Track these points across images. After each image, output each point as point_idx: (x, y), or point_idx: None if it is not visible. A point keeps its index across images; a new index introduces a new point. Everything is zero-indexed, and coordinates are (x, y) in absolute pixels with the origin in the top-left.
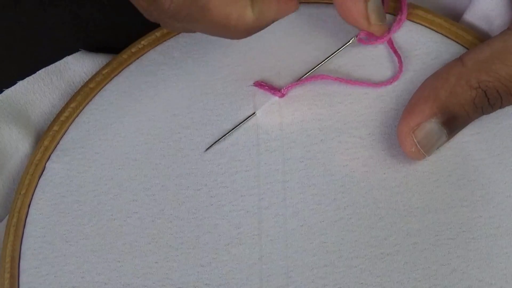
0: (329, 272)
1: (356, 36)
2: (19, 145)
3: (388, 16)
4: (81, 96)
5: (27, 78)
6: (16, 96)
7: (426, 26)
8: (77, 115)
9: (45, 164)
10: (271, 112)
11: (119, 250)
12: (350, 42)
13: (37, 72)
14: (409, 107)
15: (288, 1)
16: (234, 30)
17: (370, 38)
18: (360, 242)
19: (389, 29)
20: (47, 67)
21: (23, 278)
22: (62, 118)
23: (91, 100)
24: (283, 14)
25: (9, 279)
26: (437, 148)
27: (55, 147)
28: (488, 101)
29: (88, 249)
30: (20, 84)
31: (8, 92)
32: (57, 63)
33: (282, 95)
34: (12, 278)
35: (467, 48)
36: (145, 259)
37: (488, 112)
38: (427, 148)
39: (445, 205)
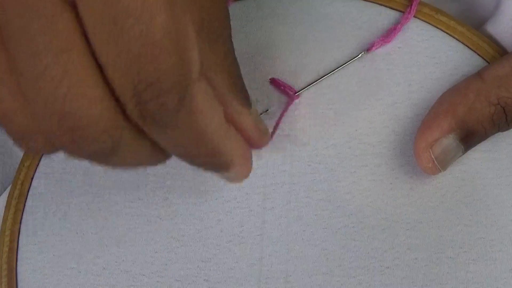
0: (328, 280)
1: (367, 50)
2: None
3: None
4: None
5: None
6: None
7: (448, 33)
8: None
9: None
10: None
11: (120, 235)
12: (360, 55)
13: None
14: (427, 122)
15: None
16: None
17: (380, 43)
18: (361, 252)
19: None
20: None
21: (21, 254)
22: None
23: None
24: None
25: (8, 253)
26: (452, 163)
27: None
28: (506, 118)
29: (89, 231)
30: None
31: None
32: None
33: (296, 97)
34: (11, 253)
35: (487, 61)
36: (145, 247)
37: (504, 130)
38: (443, 164)
39: (449, 222)
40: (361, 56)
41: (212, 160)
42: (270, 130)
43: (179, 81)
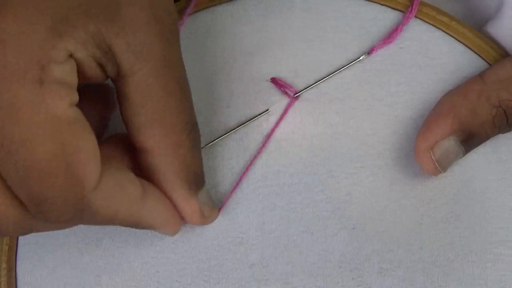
0: (328, 281)
1: (368, 53)
2: None
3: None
4: None
5: None
6: None
7: (450, 35)
8: None
9: None
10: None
11: (120, 235)
12: (361, 58)
13: None
14: (428, 123)
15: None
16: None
17: (381, 45)
18: (360, 254)
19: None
20: None
21: (21, 253)
22: None
23: None
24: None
25: (7, 252)
26: (452, 164)
27: None
28: (507, 120)
29: (90, 229)
30: None
31: None
32: None
33: (296, 98)
34: (10, 252)
35: (488, 63)
36: (146, 248)
37: (504, 131)
38: (444, 165)
39: (449, 224)
40: (362, 59)
41: (133, 226)
42: (270, 128)
43: (71, 198)
